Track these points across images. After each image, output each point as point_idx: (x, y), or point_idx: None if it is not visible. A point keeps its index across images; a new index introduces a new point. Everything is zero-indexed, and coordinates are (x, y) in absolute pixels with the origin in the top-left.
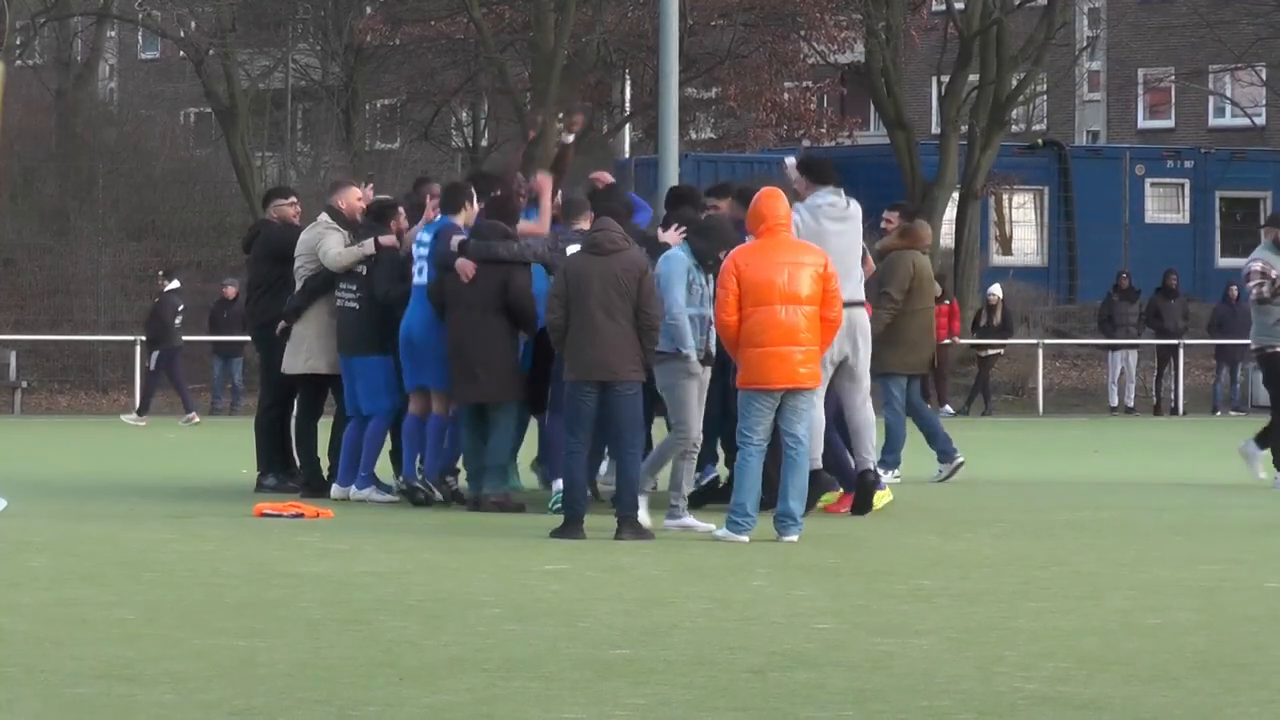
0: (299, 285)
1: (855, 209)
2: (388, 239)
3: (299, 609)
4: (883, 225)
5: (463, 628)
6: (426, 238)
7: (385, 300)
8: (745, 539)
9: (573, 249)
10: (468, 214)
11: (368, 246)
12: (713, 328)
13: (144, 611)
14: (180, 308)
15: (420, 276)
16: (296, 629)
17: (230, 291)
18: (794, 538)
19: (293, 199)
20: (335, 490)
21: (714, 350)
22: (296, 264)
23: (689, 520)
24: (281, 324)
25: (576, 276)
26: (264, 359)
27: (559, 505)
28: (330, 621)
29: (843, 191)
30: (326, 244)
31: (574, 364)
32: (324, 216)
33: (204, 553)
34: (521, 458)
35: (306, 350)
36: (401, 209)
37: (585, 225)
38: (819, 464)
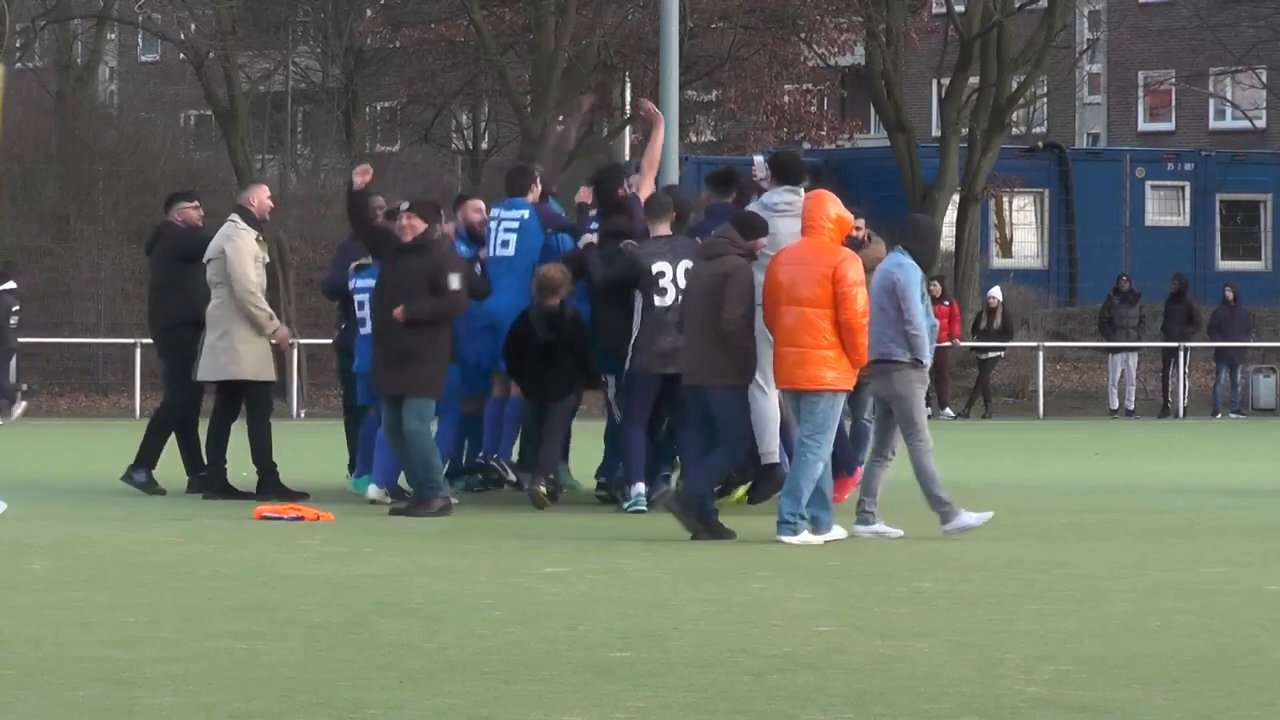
0: (213, 286)
1: None
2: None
3: (299, 611)
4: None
5: (463, 630)
6: (509, 214)
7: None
8: (793, 539)
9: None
10: (534, 193)
11: (264, 319)
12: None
13: (144, 614)
14: (15, 308)
15: (507, 249)
16: (297, 631)
17: None
18: (800, 538)
19: (195, 202)
20: (372, 490)
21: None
22: (206, 259)
23: (881, 526)
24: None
25: (689, 280)
26: (171, 360)
27: (638, 506)
28: (330, 624)
29: (802, 192)
30: (238, 254)
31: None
32: (235, 216)
33: (204, 555)
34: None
35: (245, 358)
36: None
37: (665, 230)
38: (773, 458)
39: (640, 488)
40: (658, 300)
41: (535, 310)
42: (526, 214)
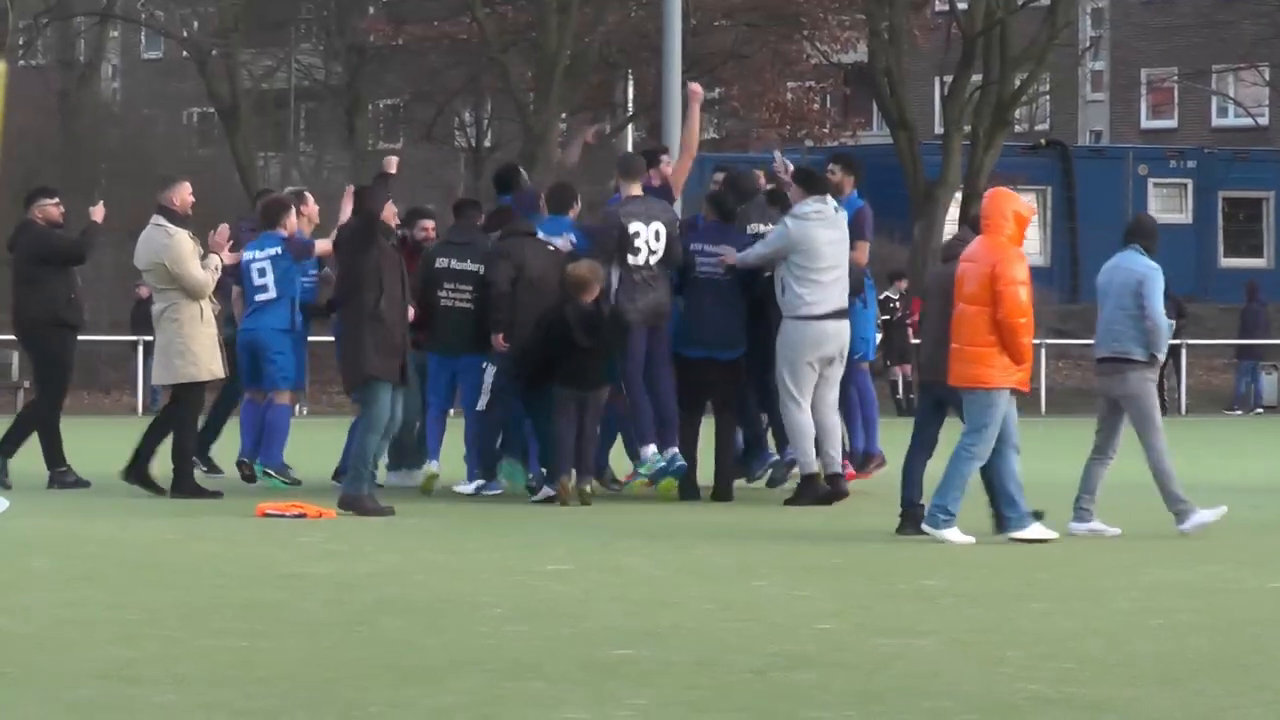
0: (155, 292)
1: (842, 216)
2: (230, 258)
3: (301, 610)
4: None
5: (465, 628)
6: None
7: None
8: (944, 534)
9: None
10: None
11: (212, 261)
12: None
13: (146, 612)
14: None
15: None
16: (299, 630)
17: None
18: (943, 532)
19: (56, 199)
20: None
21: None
22: (141, 266)
23: (1097, 524)
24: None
25: (929, 282)
26: (39, 357)
27: (659, 465)
28: (332, 622)
29: (829, 199)
30: (180, 261)
31: None
32: (157, 217)
33: (206, 553)
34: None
35: (200, 358)
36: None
37: (637, 190)
38: (811, 468)
39: (652, 449)
40: (630, 259)
41: (571, 309)
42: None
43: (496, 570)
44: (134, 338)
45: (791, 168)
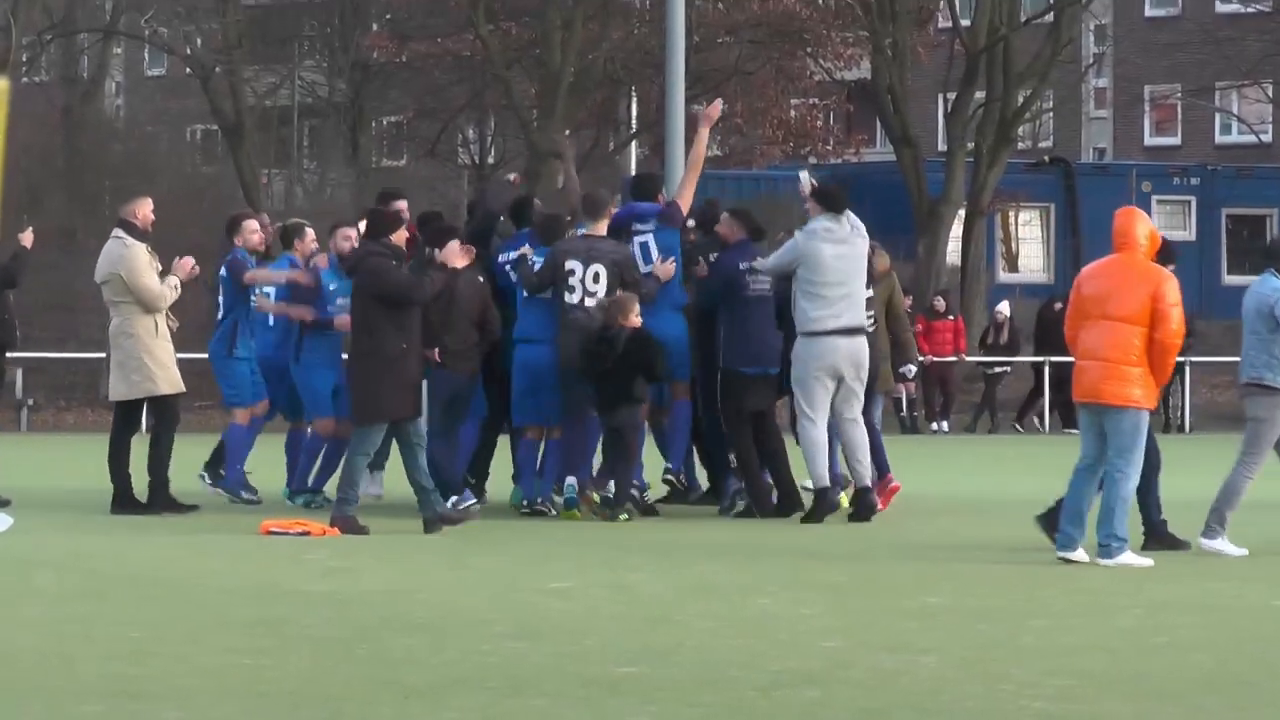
0: (111, 306)
1: (858, 234)
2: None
3: (304, 627)
4: None
5: (468, 646)
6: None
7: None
8: (1073, 554)
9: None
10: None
11: (171, 280)
12: None
13: (150, 629)
14: None
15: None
16: (302, 647)
17: None
18: (1120, 559)
19: None
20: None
21: None
22: (99, 279)
23: (1221, 543)
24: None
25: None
26: None
27: (569, 495)
28: (336, 639)
29: (844, 218)
30: (136, 272)
31: None
32: (119, 232)
33: (210, 570)
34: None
35: (158, 374)
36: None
37: (600, 230)
38: (824, 482)
39: (573, 481)
40: (566, 296)
41: (601, 332)
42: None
43: (499, 587)
44: None
45: (816, 185)
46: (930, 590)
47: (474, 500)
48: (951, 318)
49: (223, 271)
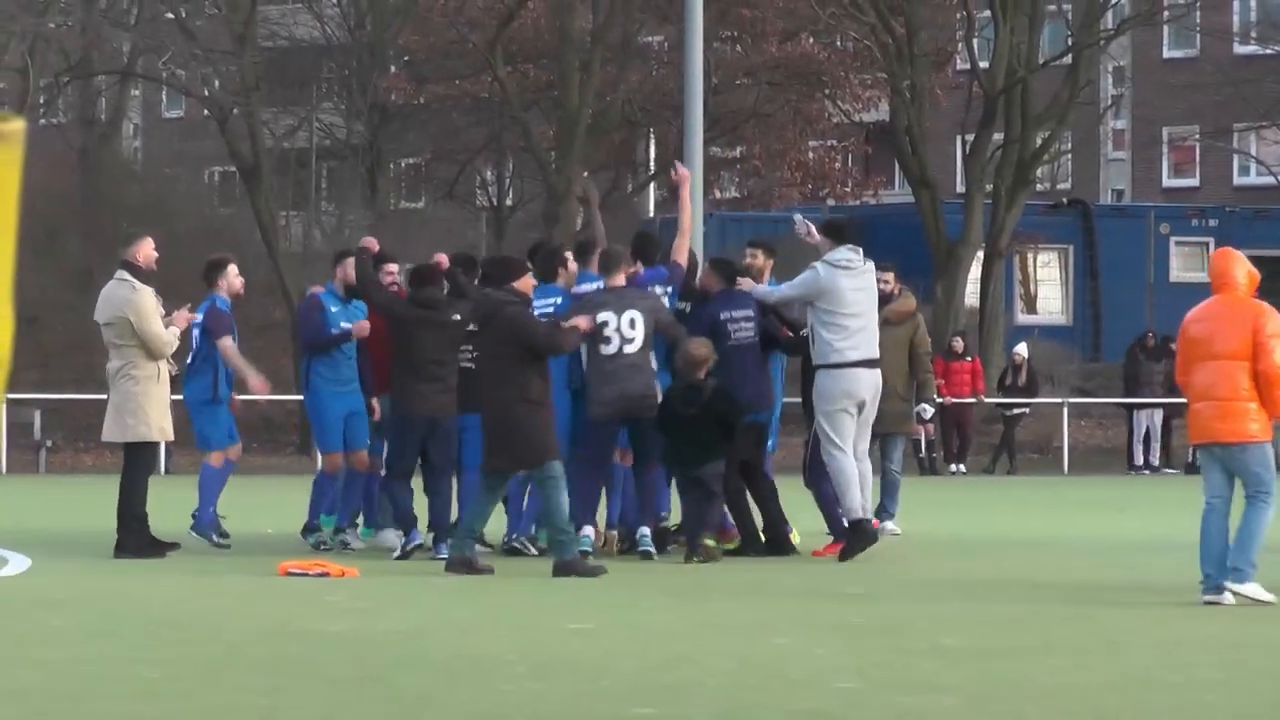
0: (111, 348)
1: (869, 267)
2: (183, 319)
3: (320, 667)
4: None
5: (485, 686)
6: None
7: None
8: (1219, 597)
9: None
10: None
11: (172, 331)
12: None
13: (165, 668)
14: None
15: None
16: (318, 687)
17: None
18: (1243, 586)
19: None
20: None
21: None
22: (102, 320)
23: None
24: None
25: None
26: None
27: (585, 547)
28: (352, 679)
29: (859, 250)
30: (144, 318)
31: None
32: (122, 272)
33: (226, 610)
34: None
35: (151, 417)
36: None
37: (619, 281)
38: (857, 513)
39: (589, 530)
40: (602, 349)
41: (676, 385)
42: (559, 300)
43: (517, 627)
44: None
45: (812, 228)
46: (946, 630)
47: (419, 541)
48: (970, 359)
49: (199, 317)
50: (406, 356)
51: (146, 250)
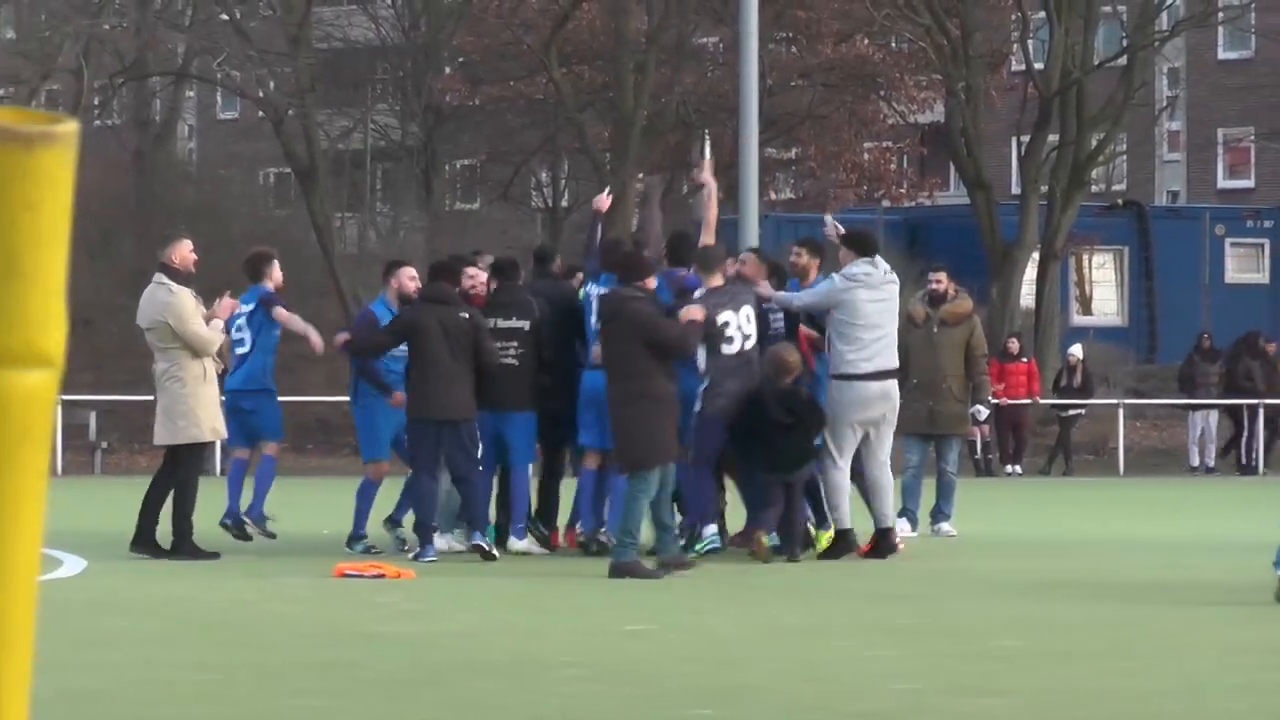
0: (156, 351)
1: (890, 279)
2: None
3: (379, 670)
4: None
5: (543, 688)
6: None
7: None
8: None
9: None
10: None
11: (216, 324)
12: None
13: (223, 672)
14: None
15: None
16: (376, 690)
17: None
18: None
19: None
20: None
21: None
22: (144, 325)
23: None
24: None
25: None
26: None
27: (712, 545)
28: (410, 682)
29: (878, 261)
30: (184, 319)
31: None
32: (160, 275)
33: (284, 613)
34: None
35: (203, 420)
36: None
37: (718, 281)
38: (846, 523)
39: (712, 529)
40: (725, 349)
41: (770, 391)
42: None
43: (575, 630)
44: None
45: (842, 231)
46: (1003, 632)
47: (434, 556)
48: (1025, 360)
49: (249, 307)
50: (415, 357)
51: (183, 252)
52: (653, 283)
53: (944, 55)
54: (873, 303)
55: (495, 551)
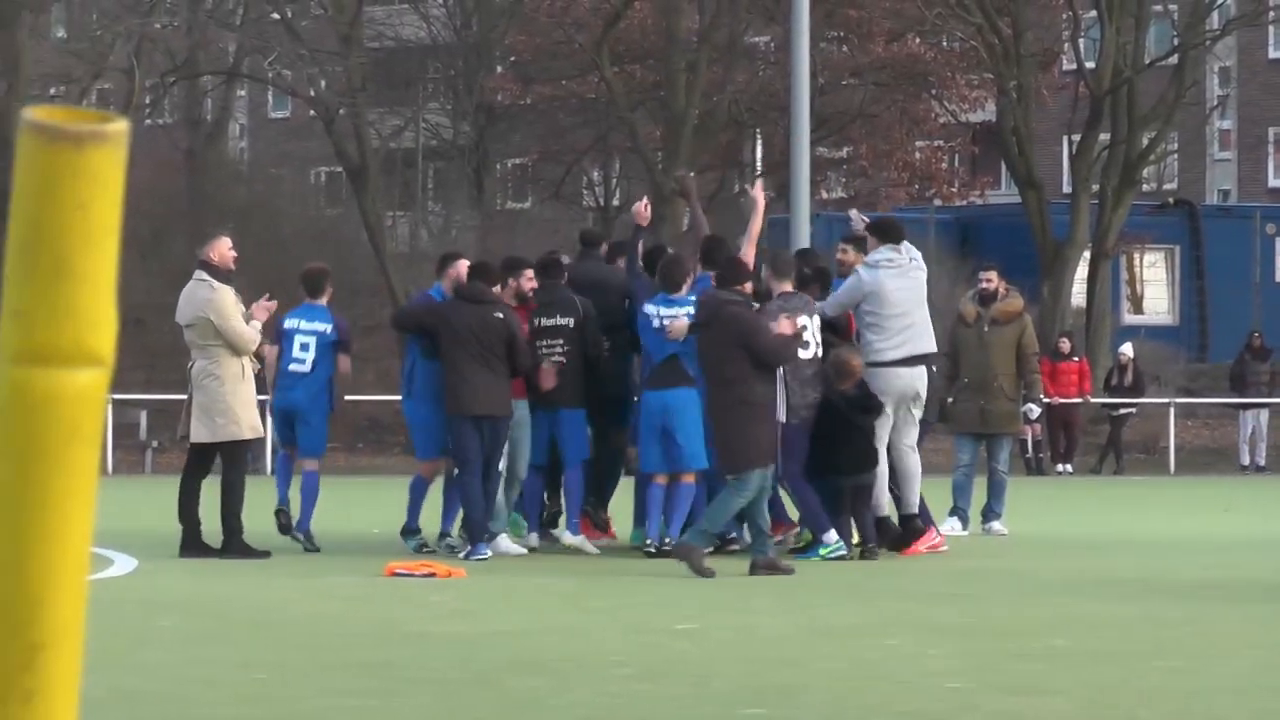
0: (194, 348)
1: (916, 265)
2: (263, 310)
3: (429, 669)
4: None
5: (594, 688)
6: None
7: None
8: None
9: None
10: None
11: (256, 325)
12: None
13: (272, 671)
14: None
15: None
16: (426, 689)
17: (266, 351)
18: None
19: None
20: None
21: None
22: (183, 322)
23: None
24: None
25: None
26: None
27: (837, 552)
28: (460, 681)
29: (904, 248)
30: (225, 316)
31: None
32: (200, 272)
33: (333, 612)
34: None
35: (242, 418)
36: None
37: (788, 286)
38: (882, 510)
39: (832, 535)
40: (802, 353)
41: (840, 397)
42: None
43: (624, 629)
44: (263, 397)
45: (867, 220)
46: (1054, 632)
47: (488, 553)
48: (1076, 359)
49: (313, 325)
50: (444, 355)
51: (222, 249)
52: (750, 287)
53: (995, 54)
54: (900, 290)
55: (462, 561)
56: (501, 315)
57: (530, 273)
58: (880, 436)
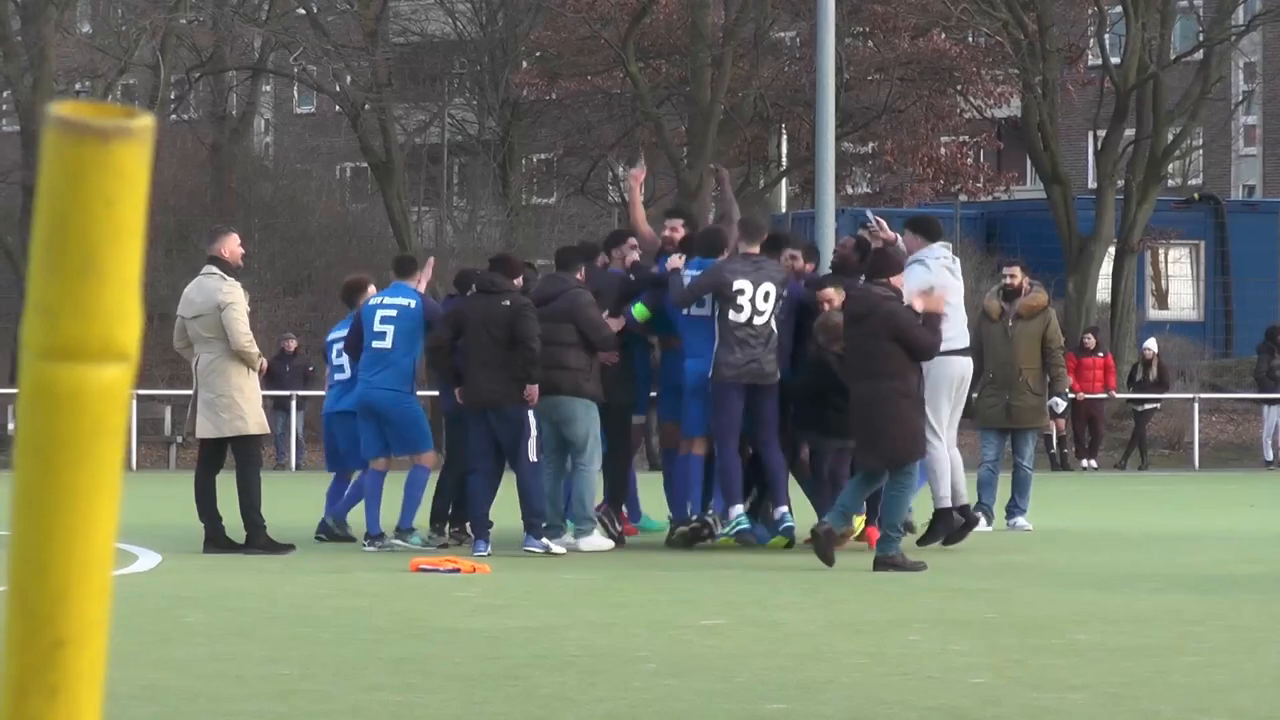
0: (200, 342)
1: (955, 263)
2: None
3: (454, 664)
4: None
5: (619, 683)
6: None
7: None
8: None
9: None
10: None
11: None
12: None
13: (298, 666)
14: None
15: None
16: (451, 684)
17: (290, 345)
18: None
19: None
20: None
21: None
22: (189, 315)
23: None
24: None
25: None
26: None
27: (740, 526)
28: (485, 677)
29: (950, 245)
30: (235, 319)
31: None
32: (214, 269)
33: (359, 607)
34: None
35: (248, 413)
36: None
37: (754, 250)
38: (945, 503)
39: (739, 509)
40: (732, 315)
41: (834, 359)
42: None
43: (649, 624)
44: (284, 392)
45: (884, 225)
46: (1078, 626)
47: (485, 551)
48: (1101, 354)
49: (344, 333)
50: (464, 348)
51: (232, 245)
52: (899, 280)
53: (1021, 49)
54: (955, 291)
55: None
56: (508, 302)
57: (633, 240)
58: (941, 422)
